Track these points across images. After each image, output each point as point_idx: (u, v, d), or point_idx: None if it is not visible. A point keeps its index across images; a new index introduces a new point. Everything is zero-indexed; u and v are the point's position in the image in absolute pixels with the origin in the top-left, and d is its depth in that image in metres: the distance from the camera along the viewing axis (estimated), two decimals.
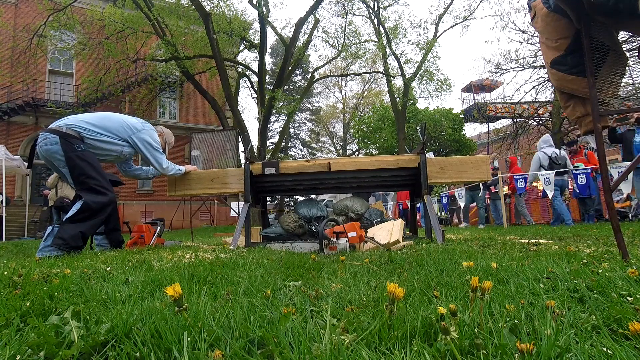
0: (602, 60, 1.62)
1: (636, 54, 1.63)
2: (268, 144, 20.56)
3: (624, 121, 5.75)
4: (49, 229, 2.75)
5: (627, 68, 1.64)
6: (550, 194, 6.49)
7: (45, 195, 9.66)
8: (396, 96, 19.56)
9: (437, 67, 24.91)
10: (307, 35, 16.99)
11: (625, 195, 8.92)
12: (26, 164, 11.28)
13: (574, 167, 7.41)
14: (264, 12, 14.76)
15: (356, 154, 32.39)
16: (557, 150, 6.80)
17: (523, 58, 16.54)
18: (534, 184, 10.03)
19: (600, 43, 1.61)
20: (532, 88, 16.04)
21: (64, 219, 2.77)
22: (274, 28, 16.30)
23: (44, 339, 0.72)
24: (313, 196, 7.34)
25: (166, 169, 3.37)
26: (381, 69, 20.01)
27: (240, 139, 10.04)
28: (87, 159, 2.84)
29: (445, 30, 20.51)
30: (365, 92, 33.24)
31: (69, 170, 2.82)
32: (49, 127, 2.90)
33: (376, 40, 18.69)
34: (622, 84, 1.66)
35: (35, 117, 16.84)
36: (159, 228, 3.55)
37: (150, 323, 0.81)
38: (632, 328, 0.70)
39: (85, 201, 2.77)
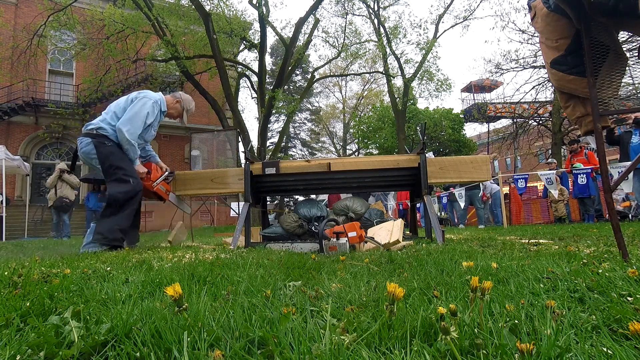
0: (602, 60, 1.62)
1: (636, 54, 1.63)
2: (268, 144, 20.54)
3: (621, 122, 5.77)
4: (92, 226, 2.89)
5: (627, 68, 1.64)
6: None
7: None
8: (396, 96, 19.57)
9: (437, 67, 24.89)
10: (307, 35, 16.98)
11: (624, 195, 8.95)
12: (27, 164, 11.35)
13: (573, 167, 7.44)
14: (264, 12, 14.76)
15: (356, 154, 32.39)
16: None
17: (523, 58, 16.58)
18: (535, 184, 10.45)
19: (600, 43, 1.61)
20: (532, 88, 16.09)
21: (99, 216, 2.89)
22: (274, 28, 16.30)
23: (44, 339, 0.72)
24: (313, 196, 7.34)
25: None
26: (381, 69, 20.02)
27: (240, 139, 10.05)
28: (115, 152, 2.95)
29: (445, 30, 20.55)
30: (365, 92, 33.24)
31: (100, 163, 2.93)
32: (83, 131, 3.02)
33: (376, 40, 18.69)
34: (622, 84, 1.66)
35: (35, 117, 16.83)
36: (167, 173, 3.49)
37: (150, 323, 0.81)
38: (632, 328, 0.70)
39: (110, 194, 2.87)
